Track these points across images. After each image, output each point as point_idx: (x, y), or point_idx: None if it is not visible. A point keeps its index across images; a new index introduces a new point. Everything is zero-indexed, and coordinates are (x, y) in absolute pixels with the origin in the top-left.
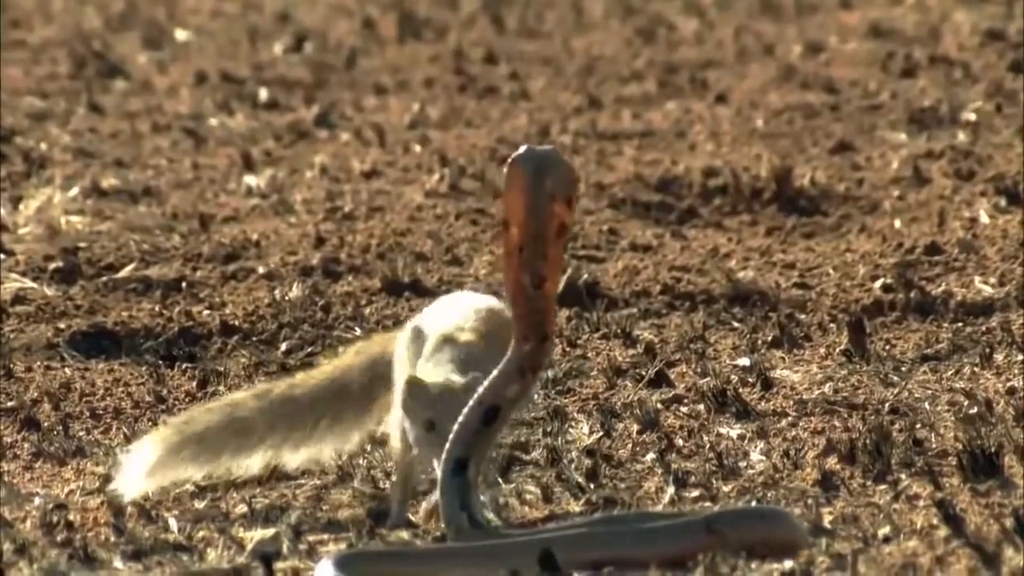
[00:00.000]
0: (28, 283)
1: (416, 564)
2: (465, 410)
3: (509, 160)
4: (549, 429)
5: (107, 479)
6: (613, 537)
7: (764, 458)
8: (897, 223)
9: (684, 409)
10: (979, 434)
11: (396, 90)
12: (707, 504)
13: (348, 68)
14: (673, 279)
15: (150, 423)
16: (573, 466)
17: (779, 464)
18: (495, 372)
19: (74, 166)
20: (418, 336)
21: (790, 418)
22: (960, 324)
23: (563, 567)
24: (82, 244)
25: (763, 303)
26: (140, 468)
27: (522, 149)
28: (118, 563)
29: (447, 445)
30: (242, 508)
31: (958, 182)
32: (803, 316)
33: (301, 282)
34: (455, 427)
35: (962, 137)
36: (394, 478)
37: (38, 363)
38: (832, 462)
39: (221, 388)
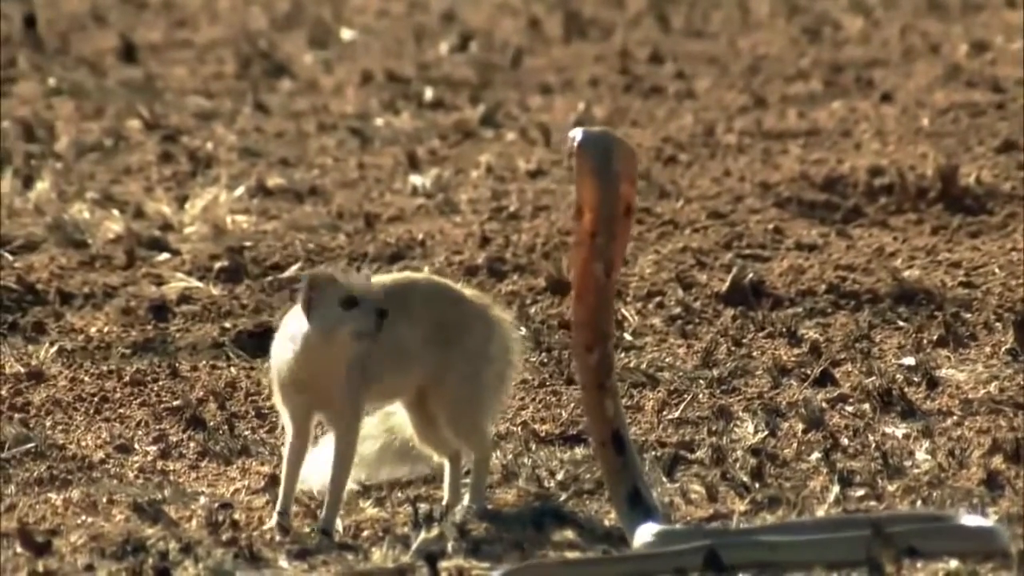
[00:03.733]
0: (194, 282)
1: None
2: (599, 458)
3: (573, 146)
4: (714, 428)
5: (273, 479)
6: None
7: (929, 457)
8: None
9: (849, 408)
10: None
11: (561, 89)
12: (872, 503)
13: (513, 67)
14: (838, 278)
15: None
16: (738, 465)
17: (944, 463)
18: (585, 407)
19: (240, 165)
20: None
21: (955, 417)
22: None
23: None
24: (248, 243)
25: (929, 302)
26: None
27: (579, 133)
28: (283, 562)
29: (613, 491)
30: (407, 508)
31: None
32: (969, 315)
33: (466, 281)
34: (605, 477)
35: None
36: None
37: (204, 362)
38: (997, 461)
39: None
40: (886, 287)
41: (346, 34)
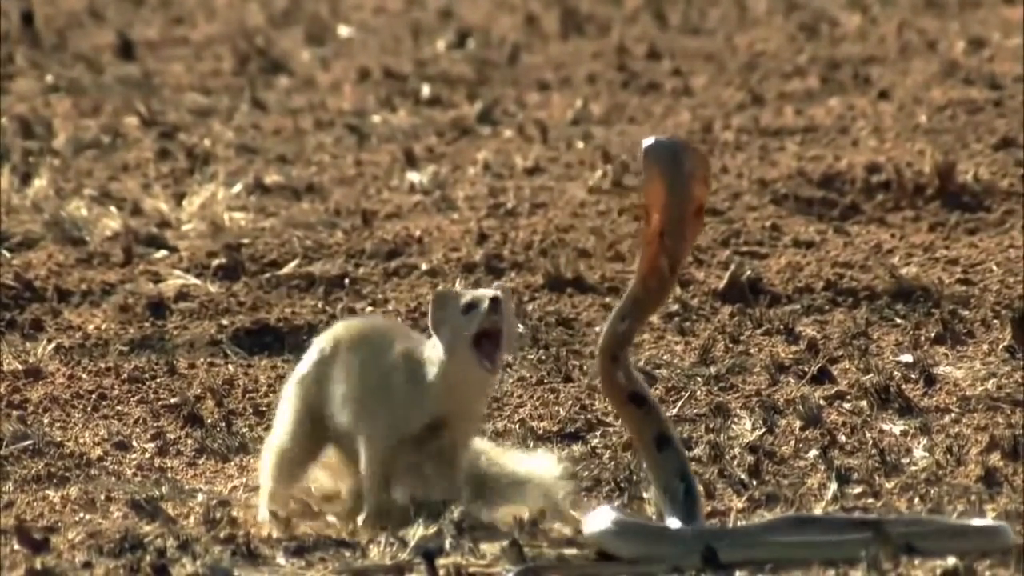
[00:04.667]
0: (191, 279)
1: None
2: (622, 420)
3: (644, 151)
4: (711, 425)
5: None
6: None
7: (927, 454)
8: None
9: (847, 405)
10: None
11: (559, 86)
12: (870, 501)
13: (511, 64)
14: (836, 275)
15: None
16: (736, 462)
17: (942, 460)
18: (600, 380)
19: (237, 162)
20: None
21: (953, 414)
22: None
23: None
24: (245, 240)
25: (926, 299)
26: None
27: (651, 140)
28: (281, 559)
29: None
30: (404, 505)
31: None
32: (966, 312)
33: (464, 278)
34: (629, 429)
35: None
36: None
37: (201, 359)
38: (995, 458)
39: None
40: (884, 284)
41: (343, 31)
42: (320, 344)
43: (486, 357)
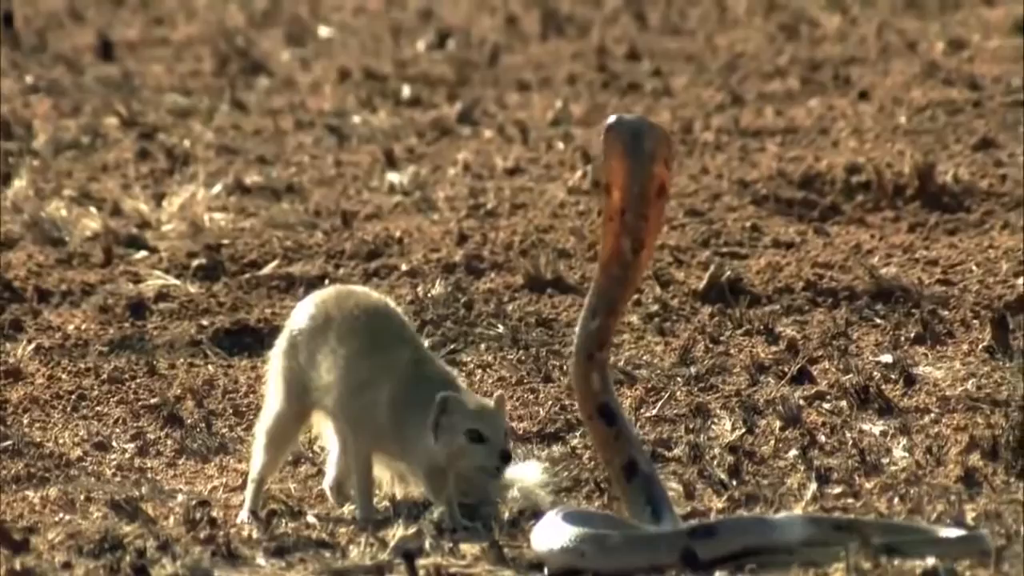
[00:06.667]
0: (171, 280)
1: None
2: (588, 432)
3: (605, 127)
4: (691, 426)
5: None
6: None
7: (907, 455)
8: None
9: (827, 406)
10: None
11: (539, 87)
12: (850, 501)
13: (491, 65)
14: (816, 276)
15: None
16: (715, 463)
17: (922, 461)
18: (574, 379)
19: (217, 163)
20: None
21: (933, 415)
22: None
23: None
24: (225, 241)
25: (906, 300)
26: None
27: (613, 118)
28: (261, 560)
29: (608, 463)
30: (385, 505)
31: None
32: (946, 312)
33: (444, 279)
34: (598, 449)
35: None
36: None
37: (181, 360)
38: (975, 459)
39: None
40: (863, 284)
41: (323, 31)
42: (310, 310)
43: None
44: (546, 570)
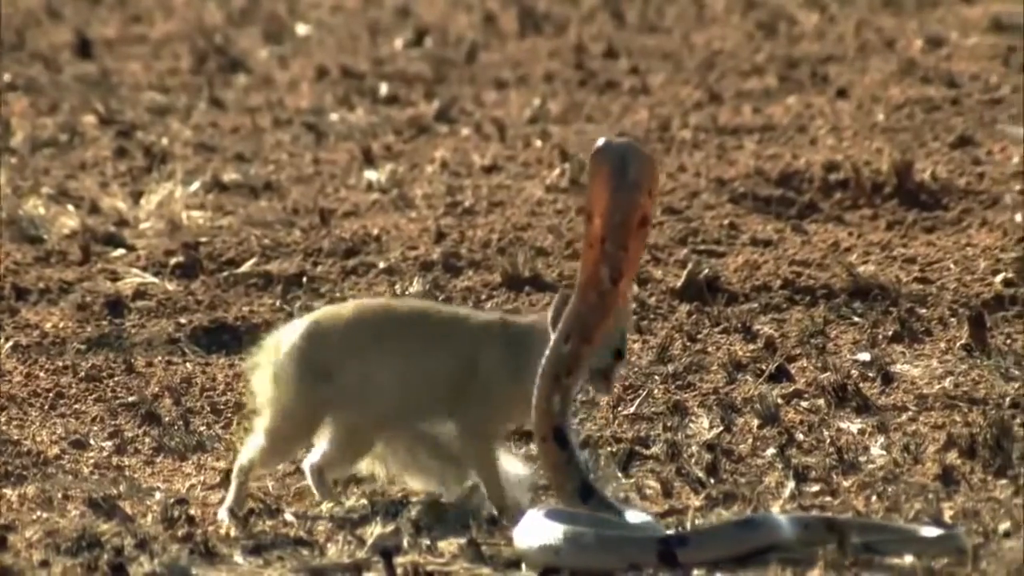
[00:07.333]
0: (149, 278)
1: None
2: (539, 453)
3: (592, 152)
4: (669, 424)
5: (228, 474)
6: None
7: (884, 453)
8: (1018, 217)
9: (804, 404)
10: None
11: (516, 85)
12: (828, 499)
13: (468, 63)
14: (793, 273)
15: None
16: (693, 461)
17: (899, 459)
18: (536, 397)
19: (195, 161)
20: None
21: (910, 413)
22: None
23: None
24: (203, 239)
25: (884, 297)
26: None
27: (601, 141)
28: (239, 558)
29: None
30: (363, 503)
31: None
32: (924, 311)
33: (421, 277)
34: (549, 473)
35: None
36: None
37: (159, 358)
38: (952, 457)
39: None
40: (841, 282)
41: (301, 29)
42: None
43: (604, 386)
44: (523, 566)
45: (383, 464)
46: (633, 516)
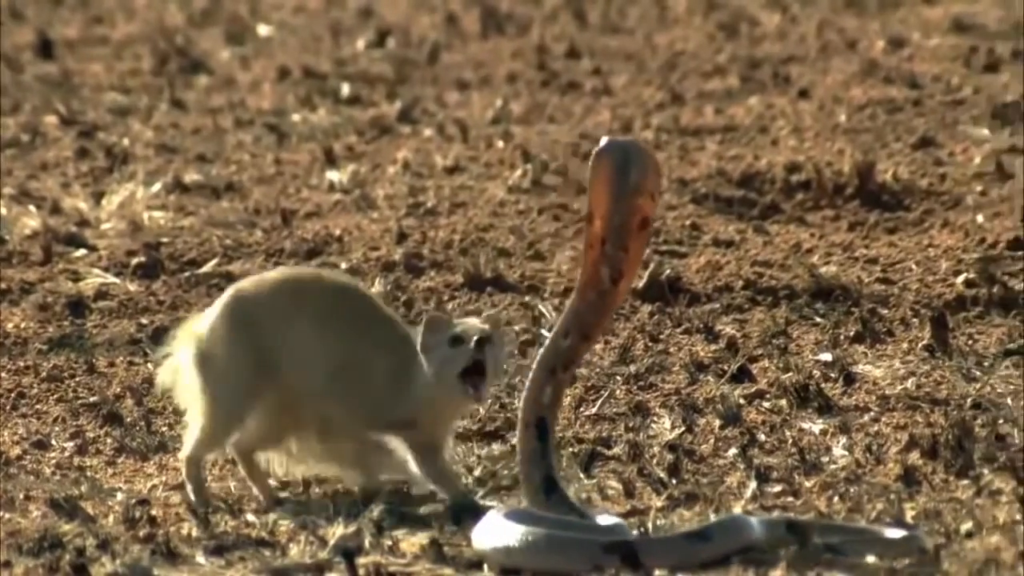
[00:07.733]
0: (110, 278)
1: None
2: (518, 438)
3: (594, 151)
4: (631, 424)
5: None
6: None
7: (846, 453)
8: (980, 218)
9: (766, 404)
10: None
11: (478, 85)
12: (790, 499)
13: (430, 63)
14: (755, 274)
15: None
16: (655, 461)
17: (861, 459)
18: (528, 384)
19: (156, 161)
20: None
21: (872, 413)
22: None
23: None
24: (164, 239)
25: (845, 298)
26: None
27: (605, 140)
28: (200, 558)
29: (527, 475)
30: (324, 503)
31: None
32: (885, 311)
33: (383, 277)
34: (521, 459)
35: None
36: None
37: (121, 358)
38: (914, 457)
39: None
40: (803, 283)
41: (263, 30)
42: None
43: (472, 387)
44: (485, 567)
45: (300, 449)
46: (604, 519)
